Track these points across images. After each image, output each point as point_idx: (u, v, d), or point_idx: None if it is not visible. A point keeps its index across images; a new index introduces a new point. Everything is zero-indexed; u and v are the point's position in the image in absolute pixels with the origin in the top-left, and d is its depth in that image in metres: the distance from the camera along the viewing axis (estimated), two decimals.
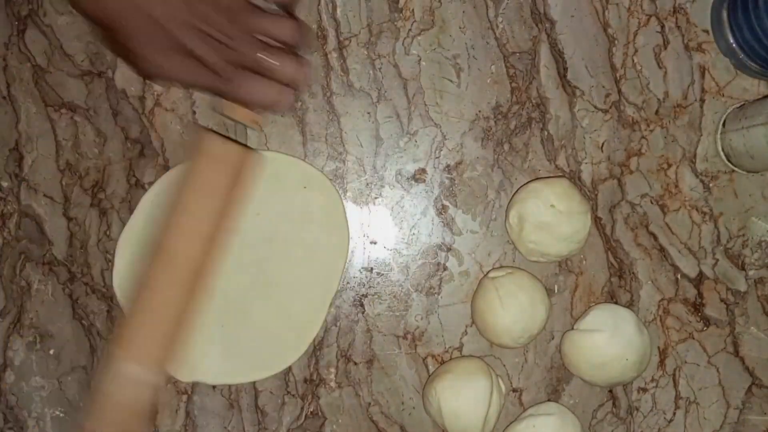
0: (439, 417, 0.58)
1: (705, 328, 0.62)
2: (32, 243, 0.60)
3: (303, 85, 0.56)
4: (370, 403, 0.61)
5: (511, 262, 0.61)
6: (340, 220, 0.60)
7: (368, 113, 0.61)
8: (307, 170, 0.60)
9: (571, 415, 0.59)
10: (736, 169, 0.62)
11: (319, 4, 0.61)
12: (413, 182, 0.61)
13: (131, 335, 0.53)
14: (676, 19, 0.62)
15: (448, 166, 0.61)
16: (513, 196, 0.60)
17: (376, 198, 0.61)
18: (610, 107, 0.62)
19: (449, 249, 0.61)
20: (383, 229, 0.61)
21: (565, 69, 0.61)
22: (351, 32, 0.61)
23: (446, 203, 0.61)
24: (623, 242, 0.62)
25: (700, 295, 0.62)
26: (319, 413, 0.60)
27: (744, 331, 0.62)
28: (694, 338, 0.62)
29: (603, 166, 0.62)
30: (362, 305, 0.61)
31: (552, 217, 0.57)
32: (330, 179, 0.60)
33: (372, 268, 0.61)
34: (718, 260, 0.62)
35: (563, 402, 0.61)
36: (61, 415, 0.60)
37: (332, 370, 0.60)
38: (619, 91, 0.62)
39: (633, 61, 0.62)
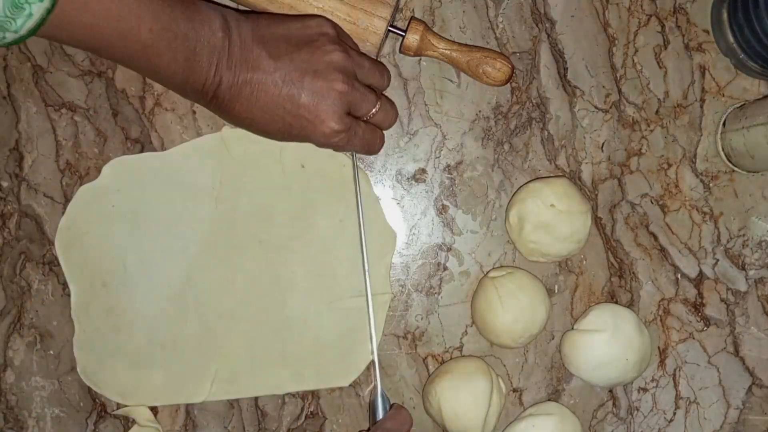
0: (439, 417, 0.58)
1: (705, 328, 0.62)
2: (32, 243, 0.60)
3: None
4: (370, 403, 0.60)
5: (511, 262, 0.61)
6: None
7: None
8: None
9: (571, 415, 0.59)
10: (736, 169, 0.62)
11: None
12: (413, 182, 0.61)
13: None
14: (677, 19, 0.62)
15: (448, 166, 0.61)
16: (513, 196, 0.60)
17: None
18: (610, 107, 0.62)
19: (449, 249, 0.61)
20: None
21: (565, 69, 0.61)
22: None
23: (446, 203, 0.61)
24: (623, 242, 0.62)
25: (700, 295, 0.62)
26: (319, 413, 0.60)
27: (744, 331, 0.62)
28: (694, 338, 0.62)
29: (603, 166, 0.62)
30: None
31: (552, 217, 0.57)
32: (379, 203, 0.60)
33: None
34: (718, 260, 0.62)
35: (563, 402, 0.61)
36: (61, 415, 0.60)
37: None
38: (619, 91, 0.62)
39: (633, 61, 0.62)
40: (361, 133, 0.53)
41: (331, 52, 0.50)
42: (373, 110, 0.53)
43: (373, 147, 0.55)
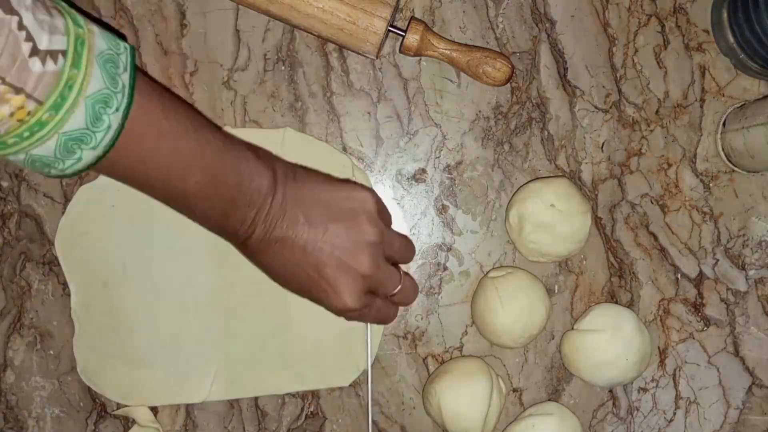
0: (439, 417, 0.58)
1: (705, 328, 0.62)
2: (32, 243, 0.60)
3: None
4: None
5: (511, 262, 0.61)
6: None
7: (368, 113, 0.61)
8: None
9: (571, 415, 0.59)
10: (736, 169, 0.62)
11: None
12: (413, 182, 0.61)
13: None
14: (677, 19, 0.62)
15: (448, 166, 0.61)
16: (513, 196, 0.60)
17: None
18: (611, 107, 0.62)
19: (449, 249, 0.61)
20: None
21: (566, 69, 0.61)
22: None
23: (446, 203, 0.61)
24: (623, 242, 0.62)
25: (700, 295, 0.62)
26: (319, 413, 0.60)
27: (744, 331, 0.62)
28: (694, 338, 0.62)
29: (603, 166, 0.62)
30: None
31: (552, 217, 0.57)
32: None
33: None
34: (718, 260, 0.62)
35: (563, 402, 0.61)
36: (61, 415, 0.60)
37: None
38: (620, 91, 0.62)
39: (633, 61, 0.62)
40: (376, 309, 0.53)
41: (366, 232, 0.50)
42: (394, 291, 0.54)
43: (386, 321, 0.56)
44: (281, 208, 0.48)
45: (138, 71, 0.42)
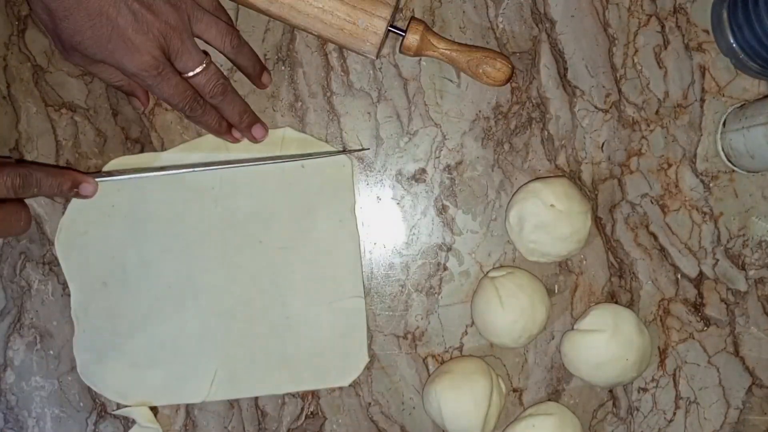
0: (439, 417, 0.58)
1: (705, 328, 0.62)
2: (32, 243, 0.60)
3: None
4: (370, 403, 0.61)
5: (511, 262, 0.61)
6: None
7: (368, 113, 0.61)
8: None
9: (571, 415, 0.59)
10: (736, 169, 0.62)
11: None
12: (413, 182, 0.61)
13: None
14: (677, 19, 0.62)
15: (448, 166, 0.61)
16: (513, 196, 0.60)
17: (376, 198, 0.61)
18: (611, 107, 0.62)
19: (449, 249, 0.61)
20: (383, 229, 0.61)
21: (566, 69, 0.61)
22: None
23: (446, 203, 0.61)
24: (623, 242, 0.62)
25: (700, 295, 0.62)
26: (319, 413, 0.60)
27: (744, 331, 0.62)
28: (694, 338, 0.62)
29: (603, 166, 0.62)
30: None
31: (552, 217, 0.57)
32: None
33: (372, 269, 0.61)
34: (718, 260, 0.62)
35: (563, 402, 0.61)
36: (61, 415, 0.60)
37: None
38: (620, 91, 0.62)
39: (633, 61, 0.62)
40: (174, 84, 0.52)
41: None
42: (195, 71, 0.53)
43: (192, 112, 0.54)
44: None
45: None
